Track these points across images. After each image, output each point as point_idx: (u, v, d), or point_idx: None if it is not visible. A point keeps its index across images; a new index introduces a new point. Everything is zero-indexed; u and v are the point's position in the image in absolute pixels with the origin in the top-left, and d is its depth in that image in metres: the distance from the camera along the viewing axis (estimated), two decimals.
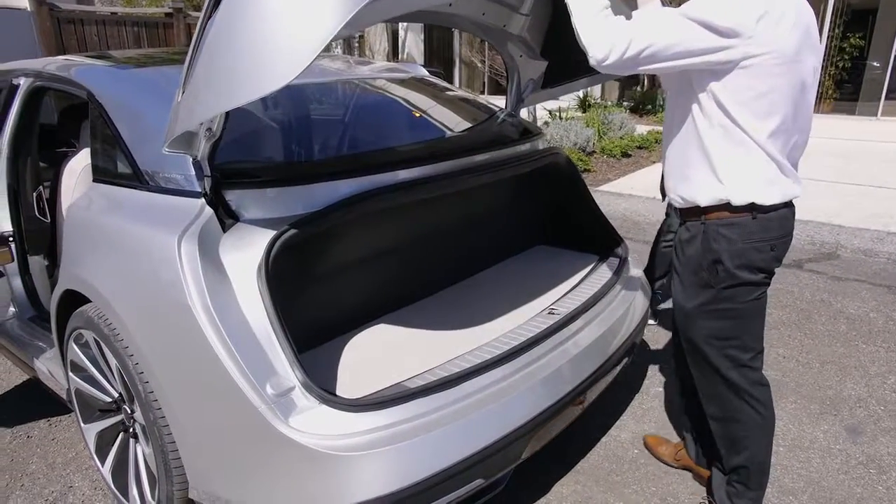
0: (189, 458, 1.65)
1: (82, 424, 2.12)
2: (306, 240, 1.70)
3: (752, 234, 1.63)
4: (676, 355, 2.01)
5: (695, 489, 2.10)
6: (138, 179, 1.81)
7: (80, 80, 2.14)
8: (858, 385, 2.72)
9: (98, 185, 1.99)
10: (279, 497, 1.49)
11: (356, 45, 14.94)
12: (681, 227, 1.78)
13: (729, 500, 1.88)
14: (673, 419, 2.49)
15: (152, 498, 1.83)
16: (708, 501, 2.01)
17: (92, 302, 1.84)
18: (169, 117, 1.53)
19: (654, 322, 3.25)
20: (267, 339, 1.50)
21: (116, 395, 1.92)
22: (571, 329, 2.00)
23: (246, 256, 1.57)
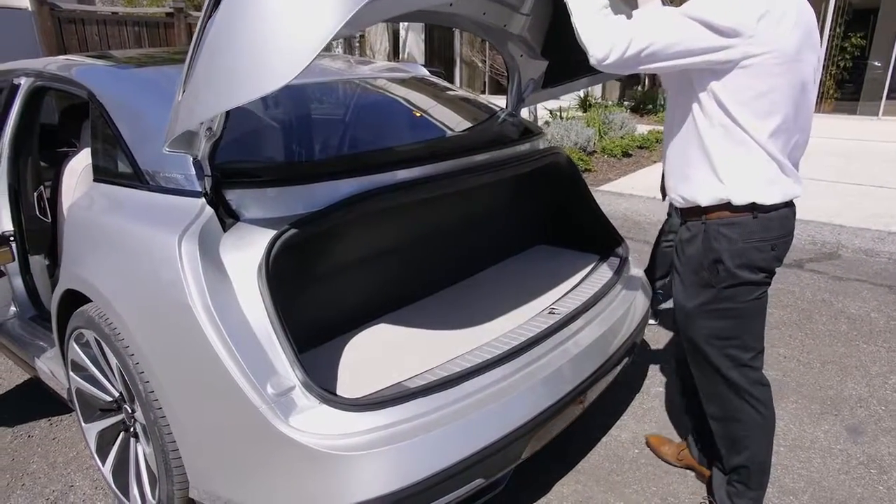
0: (189, 458, 1.65)
1: (83, 424, 2.13)
2: (307, 239, 1.70)
3: (753, 233, 1.63)
4: (678, 355, 2.01)
5: (695, 489, 2.10)
6: (139, 179, 1.81)
7: (81, 79, 2.14)
8: (859, 385, 2.72)
9: (99, 185, 1.99)
10: (279, 496, 1.49)
11: (357, 45, 14.94)
12: (681, 227, 1.78)
13: (729, 500, 1.88)
14: (674, 419, 2.49)
15: (153, 497, 1.83)
16: (708, 501, 2.01)
17: (92, 301, 1.84)
18: (169, 117, 1.53)
19: (654, 322, 3.25)
20: (267, 339, 1.50)
21: (117, 394, 1.93)
22: (572, 329, 2.00)
23: (246, 256, 1.57)
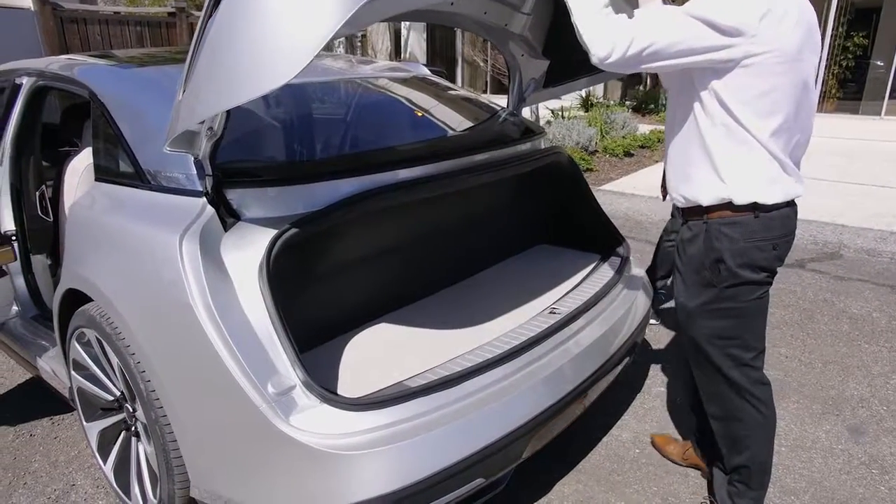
0: (190, 457, 1.66)
1: (84, 423, 2.13)
2: (307, 239, 1.70)
3: (755, 232, 1.63)
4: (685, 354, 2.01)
5: (696, 489, 2.09)
6: (140, 178, 1.82)
7: (83, 79, 2.14)
8: (861, 385, 2.71)
9: (100, 185, 1.99)
10: (280, 495, 1.49)
11: (359, 45, 14.94)
12: (683, 227, 1.78)
13: (730, 500, 1.88)
14: (675, 418, 2.49)
15: (154, 496, 1.83)
16: (709, 501, 2.01)
17: (94, 301, 1.84)
18: (170, 116, 1.53)
19: (656, 321, 3.25)
20: (268, 338, 1.50)
21: (118, 393, 1.93)
22: (573, 328, 2.00)
23: (247, 255, 1.58)
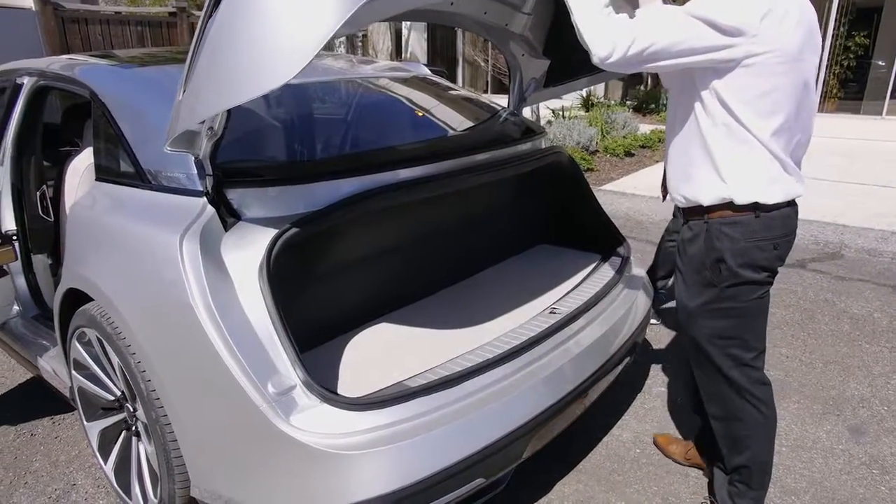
0: (191, 457, 1.66)
1: (85, 422, 2.13)
2: (308, 239, 1.70)
3: (755, 232, 1.62)
4: (685, 354, 2.01)
5: (696, 489, 2.09)
6: (141, 178, 1.82)
7: (83, 79, 2.15)
8: (862, 385, 2.71)
9: (101, 184, 2.00)
10: (280, 495, 1.49)
11: (359, 45, 14.94)
12: (683, 227, 1.78)
13: (731, 500, 1.88)
14: (675, 418, 2.49)
15: (154, 496, 1.83)
16: (710, 501, 2.01)
17: (94, 300, 1.84)
18: (171, 116, 1.53)
19: (657, 321, 3.25)
20: (268, 338, 1.50)
21: (119, 393, 1.93)
22: (573, 328, 2.00)
23: (247, 255, 1.58)
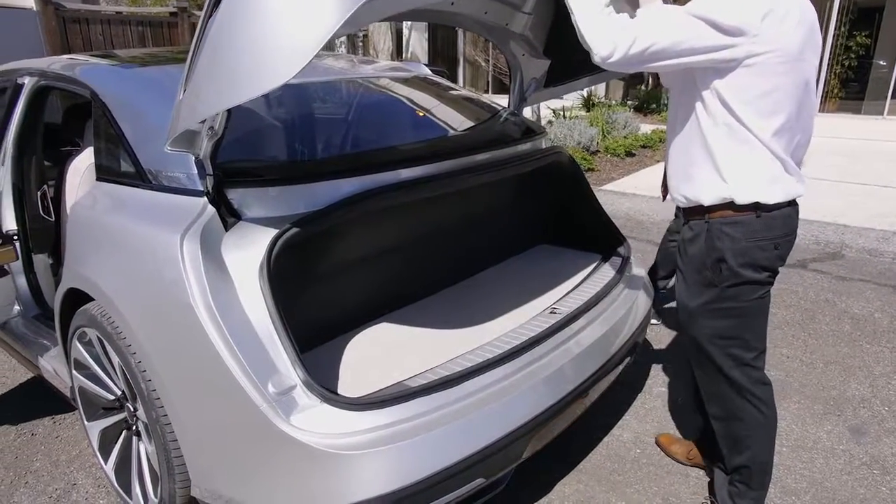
0: (191, 456, 1.66)
1: (86, 422, 2.13)
2: (308, 239, 1.70)
3: (756, 232, 1.62)
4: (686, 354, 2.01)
5: (697, 489, 2.09)
6: (141, 178, 1.82)
7: (84, 79, 2.15)
8: (862, 385, 2.71)
9: (101, 184, 2.00)
10: (280, 495, 1.49)
11: (360, 45, 14.94)
12: (684, 227, 1.78)
13: (731, 500, 1.88)
14: (676, 419, 2.49)
15: (155, 496, 1.83)
16: (710, 501, 2.01)
17: (95, 300, 1.84)
18: (171, 116, 1.53)
19: (657, 321, 3.24)
20: (269, 338, 1.50)
21: (119, 392, 1.93)
22: (573, 328, 2.00)
23: (248, 255, 1.58)
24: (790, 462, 2.22)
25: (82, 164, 2.33)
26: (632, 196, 6.09)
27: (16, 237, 2.44)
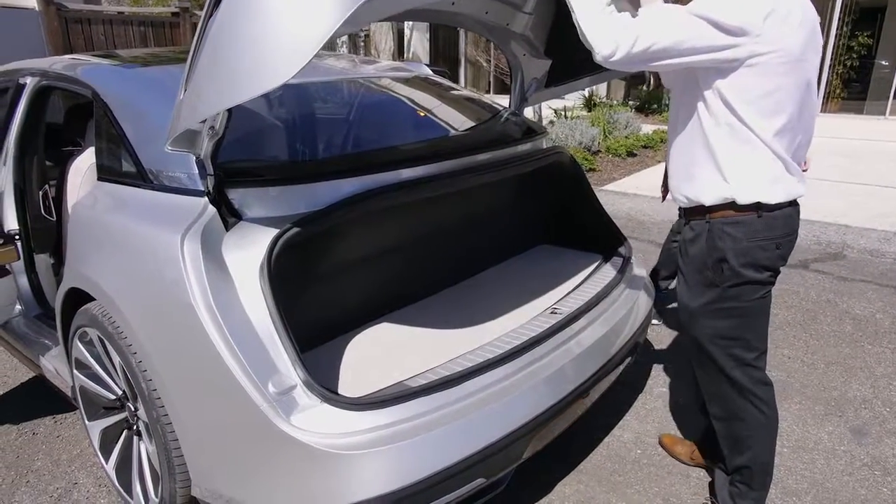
0: (191, 456, 1.66)
1: (87, 422, 2.13)
2: (309, 239, 1.70)
3: (757, 232, 1.62)
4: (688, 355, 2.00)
5: (697, 489, 2.09)
6: (142, 178, 1.82)
7: (85, 79, 2.15)
8: (864, 386, 2.70)
9: (103, 184, 2.00)
10: (281, 495, 1.50)
11: (362, 45, 14.95)
12: (685, 227, 1.78)
13: (732, 501, 1.88)
14: (677, 419, 2.48)
15: (155, 495, 1.84)
16: (711, 502, 2.00)
17: (96, 300, 1.85)
18: (172, 115, 1.54)
19: (658, 322, 3.24)
20: (269, 338, 1.50)
21: (120, 392, 1.93)
22: (574, 328, 2.00)
23: (248, 255, 1.58)
24: (791, 463, 2.22)
25: (84, 163, 2.33)
26: (633, 196, 6.08)
27: (17, 237, 2.44)
